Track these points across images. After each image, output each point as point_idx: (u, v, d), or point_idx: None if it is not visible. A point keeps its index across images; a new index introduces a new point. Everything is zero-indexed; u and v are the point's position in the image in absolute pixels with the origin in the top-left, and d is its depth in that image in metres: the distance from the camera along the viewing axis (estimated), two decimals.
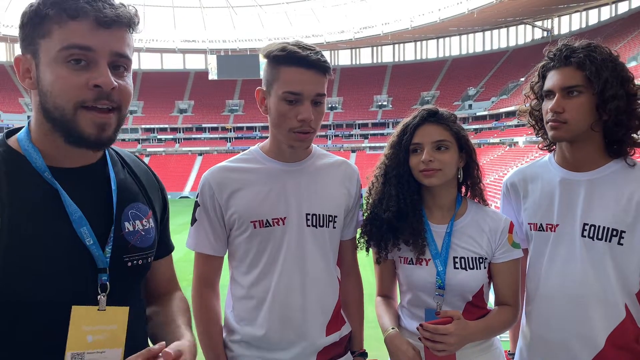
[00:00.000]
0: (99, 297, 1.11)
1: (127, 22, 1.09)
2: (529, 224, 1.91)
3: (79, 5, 1.03)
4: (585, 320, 1.75)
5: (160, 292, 1.45)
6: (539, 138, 1.98)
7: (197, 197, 1.79)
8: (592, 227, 1.76)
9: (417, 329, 1.69)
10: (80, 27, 1.04)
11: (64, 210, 1.10)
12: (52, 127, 1.10)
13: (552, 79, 1.78)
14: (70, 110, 1.06)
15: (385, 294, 2.02)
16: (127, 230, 1.21)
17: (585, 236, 1.77)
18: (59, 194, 1.10)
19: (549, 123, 1.77)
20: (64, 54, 1.04)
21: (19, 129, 1.20)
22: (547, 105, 1.78)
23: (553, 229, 1.84)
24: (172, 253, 1.52)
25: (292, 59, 1.59)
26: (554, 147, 1.94)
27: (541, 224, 1.87)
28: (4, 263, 1.01)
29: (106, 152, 1.26)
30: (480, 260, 1.83)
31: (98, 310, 1.10)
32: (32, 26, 1.06)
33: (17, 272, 1.02)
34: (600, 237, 1.74)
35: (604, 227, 1.74)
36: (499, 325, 1.84)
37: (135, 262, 1.22)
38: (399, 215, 1.84)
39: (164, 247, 1.42)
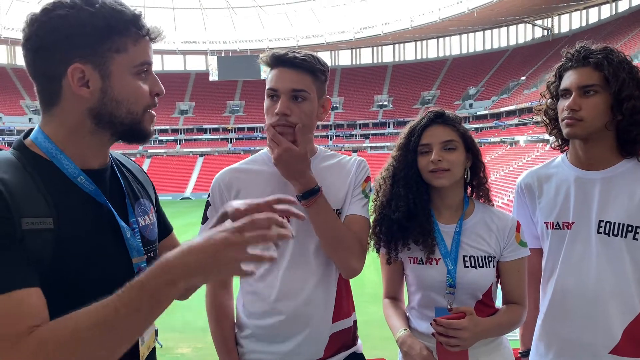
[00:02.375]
0: None
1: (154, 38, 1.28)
2: (545, 222, 1.94)
3: (144, 24, 1.23)
4: (602, 316, 1.78)
5: None
6: (549, 137, 2.01)
7: (208, 196, 1.87)
8: (608, 224, 1.80)
9: (431, 324, 1.71)
10: (147, 45, 1.24)
11: (105, 209, 1.19)
12: (97, 127, 1.20)
13: (570, 78, 1.83)
14: (140, 113, 1.24)
15: (393, 295, 2.03)
16: (140, 225, 1.31)
17: (601, 233, 1.81)
18: (94, 195, 1.18)
19: (565, 120, 1.81)
20: (138, 69, 1.22)
21: (27, 133, 1.24)
22: (563, 103, 1.83)
23: (569, 227, 1.87)
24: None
25: (273, 60, 1.73)
26: (567, 147, 1.98)
27: (557, 222, 1.90)
28: (60, 264, 1.07)
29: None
30: (490, 259, 1.85)
31: None
32: (99, 39, 1.15)
33: (69, 270, 1.09)
34: (615, 233, 1.79)
35: (619, 224, 1.78)
36: (508, 323, 1.86)
37: (149, 254, 1.32)
38: (409, 215, 1.86)
39: (167, 227, 1.55)
